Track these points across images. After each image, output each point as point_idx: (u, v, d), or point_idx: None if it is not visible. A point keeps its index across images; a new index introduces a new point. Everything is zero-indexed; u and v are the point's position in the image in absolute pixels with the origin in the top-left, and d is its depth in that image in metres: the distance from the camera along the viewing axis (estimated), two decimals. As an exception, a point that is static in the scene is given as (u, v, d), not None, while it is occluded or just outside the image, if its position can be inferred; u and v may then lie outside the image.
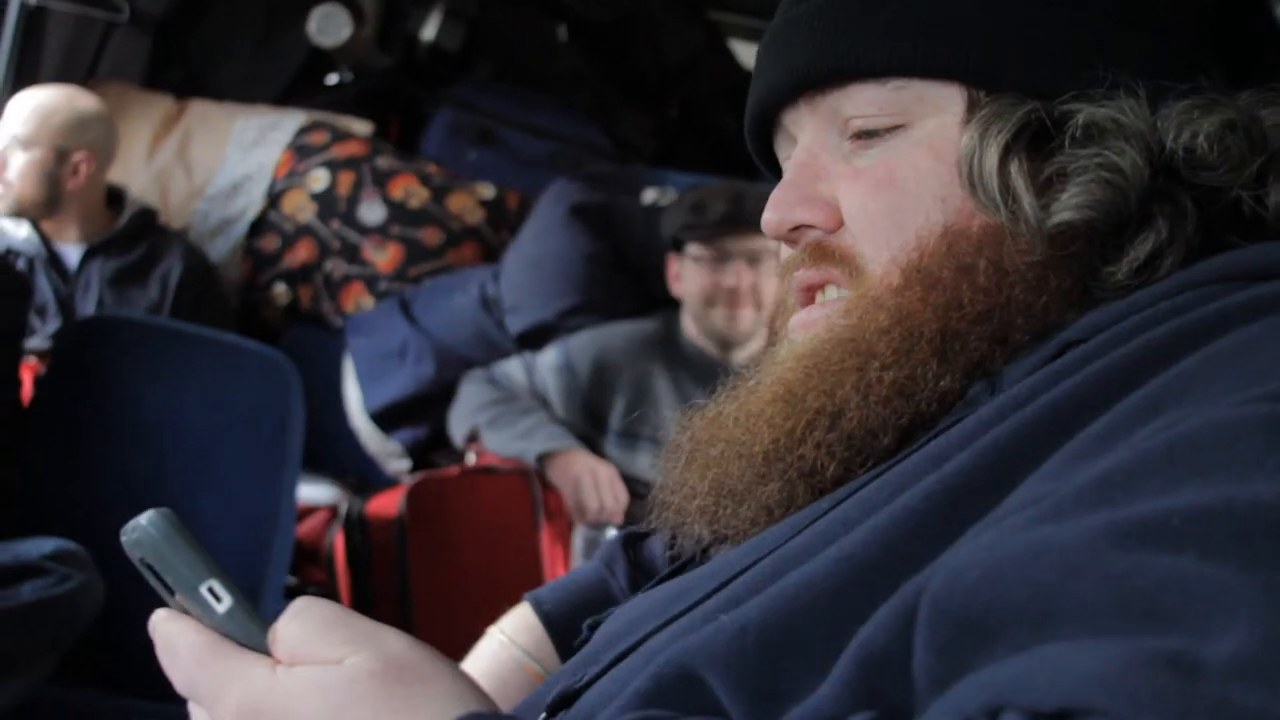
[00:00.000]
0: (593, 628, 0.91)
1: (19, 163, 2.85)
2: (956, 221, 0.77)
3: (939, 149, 0.78)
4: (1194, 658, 0.39)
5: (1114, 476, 0.51)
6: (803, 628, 0.62)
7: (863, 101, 0.81)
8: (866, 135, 0.81)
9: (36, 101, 2.90)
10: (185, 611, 0.63)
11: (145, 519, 0.63)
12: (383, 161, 3.66)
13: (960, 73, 0.78)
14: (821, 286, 0.85)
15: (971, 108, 0.78)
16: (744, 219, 2.70)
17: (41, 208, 2.91)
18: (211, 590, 0.62)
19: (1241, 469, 0.47)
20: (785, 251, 0.88)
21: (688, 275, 2.82)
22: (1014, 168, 0.75)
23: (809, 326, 0.83)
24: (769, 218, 0.85)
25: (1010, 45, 0.77)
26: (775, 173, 0.92)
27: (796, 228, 0.85)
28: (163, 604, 0.65)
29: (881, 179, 0.80)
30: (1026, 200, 0.74)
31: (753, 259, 2.74)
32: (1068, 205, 0.73)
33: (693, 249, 2.80)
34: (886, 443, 0.76)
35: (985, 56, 0.77)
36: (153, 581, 0.64)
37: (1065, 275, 0.76)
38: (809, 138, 0.85)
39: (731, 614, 0.65)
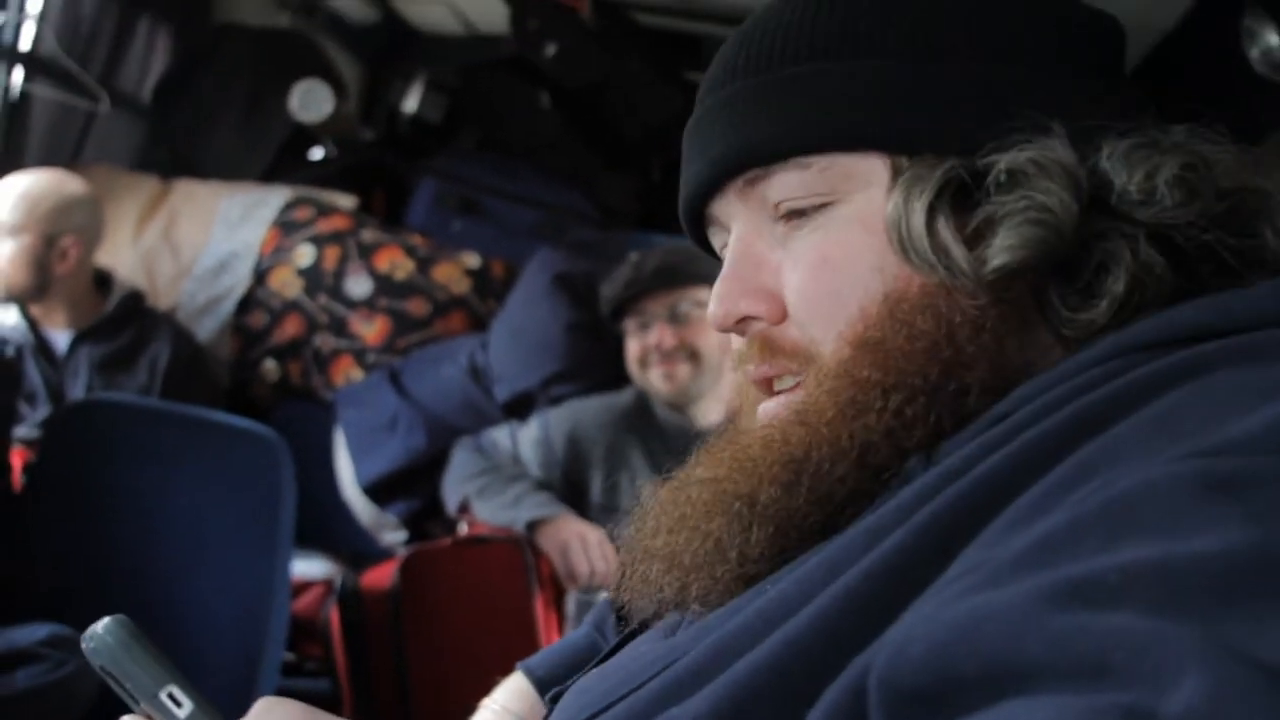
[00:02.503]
0: (554, 699, 0.91)
1: (7, 250, 2.86)
2: (895, 288, 0.77)
3: (868, 222, 0.79)
4: (1148, 711, 0.40)
5: (1051, 540, 0.51)
6: (754, 715, 0.62)
7: (789, 185, 0.81)
8: (797, 215, 0.81)
9: (23, 188, 2.90)
10: (149, 717, 0.64)
11: (102, 627, 0.64)
12: (368, 234, 3.68)
13: (879, 143, 0.79)
14: (777, 377, 0.84)
15: (895, 176, 0.78)
16: (647, 281, 2.76)
17: (30, 293, 2.93)
18: (171, 695, 0.63)
19: (1175, 525, 0.48)
20: (736, 341, 0.88)
21: (626, 346, 2.87)
22: (941, 225, 0.75)
23: (773, 416, 0.83)
24: (714, 311, 0.85)
25: (924, 109, 0.78)
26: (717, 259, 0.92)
27: (742, 319, 0.85)
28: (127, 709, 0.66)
29: (816, 263, 0.80)
30: (959, 253, 0.75)
31: (673, 316, 2.77)
32: (1001, 249, 0.74)
33: (624, 323, 2.86)
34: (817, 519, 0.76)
35: (902, 124, 0.78)
36: (115, 688, 0.65)
37: (1017, 320, 0.76)
38: (742, 226, 0.85)
39: (682, 706, 0.65)
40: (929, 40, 0.79)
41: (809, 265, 0.81)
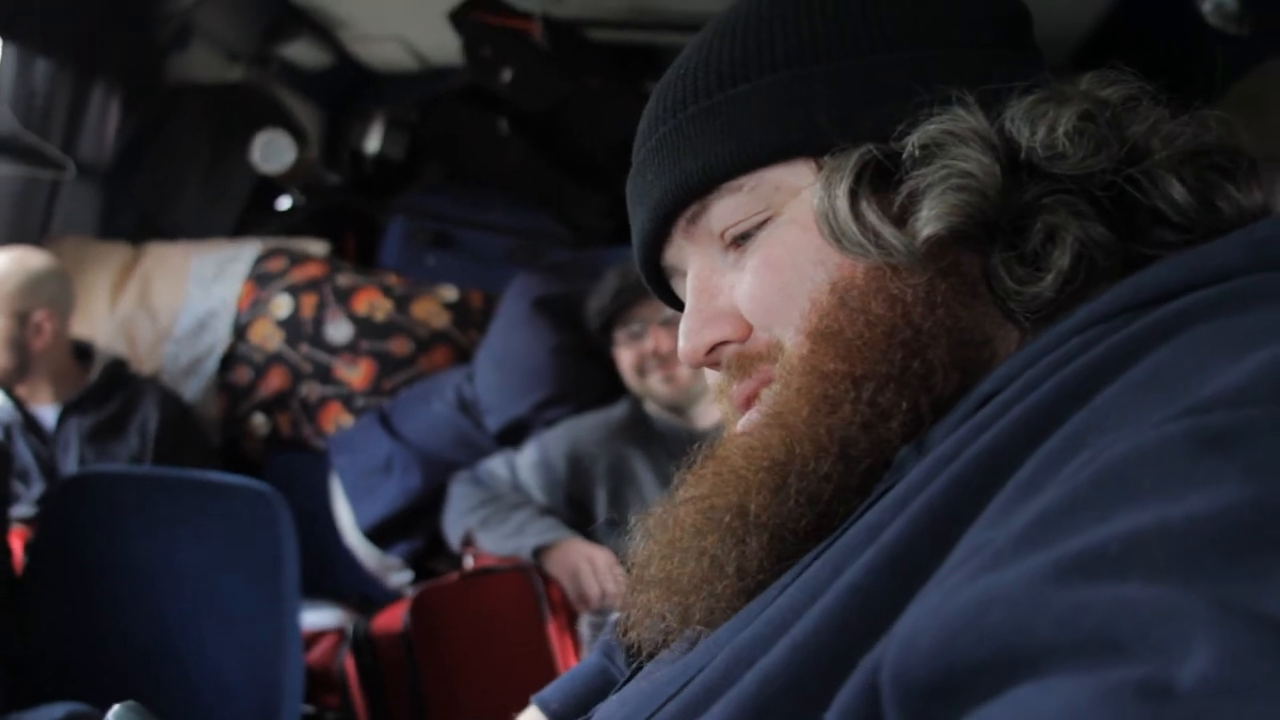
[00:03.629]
0: None
1: None
2: (841, 276, 0.78)
3: (803, 220, 0.81)
4: (1162, 682, 0.39)
5: (1047, 516, 0.51)
6: None
7: (726, 211, 0.84)
8: (743, 238, 0.84)
9: (-13, 270, 2.90)
10: None
11: (112, 715, 0.64)
12: (343, 279, 3.68)
13: (797, 149, 0.81)
14: (757, 394, 0.85)
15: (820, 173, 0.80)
16: (637, 287, 2.77)
17: (12, 374, 2.92)
18: None
19: (1170, 488, 0.48)
20: (713, 377, 0.90)
21: (620, 357, 2.88)
22: (865, 207, 0.77)
23: (751, 424, 0.84)
24: (683, 349, 0.87)
25: (833, 107, 0.80)
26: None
27: (712, 349, 0.87)
28: None
29: (759, 267, 0.82)
30: (888, 232, 0.76)
31: (667, 319, 2.79)
32: (928, 220, 0.75)
33: (615, 333, 2.87)
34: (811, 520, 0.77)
35: (814, 126, 0.80)
36: None
37: (969, 293, 0.77)
38: (695, 264, 0.88)
39: None
40: (826, 44, 0.81)
41: (754, 271, 0.83)
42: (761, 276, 0.82)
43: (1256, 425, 0.49)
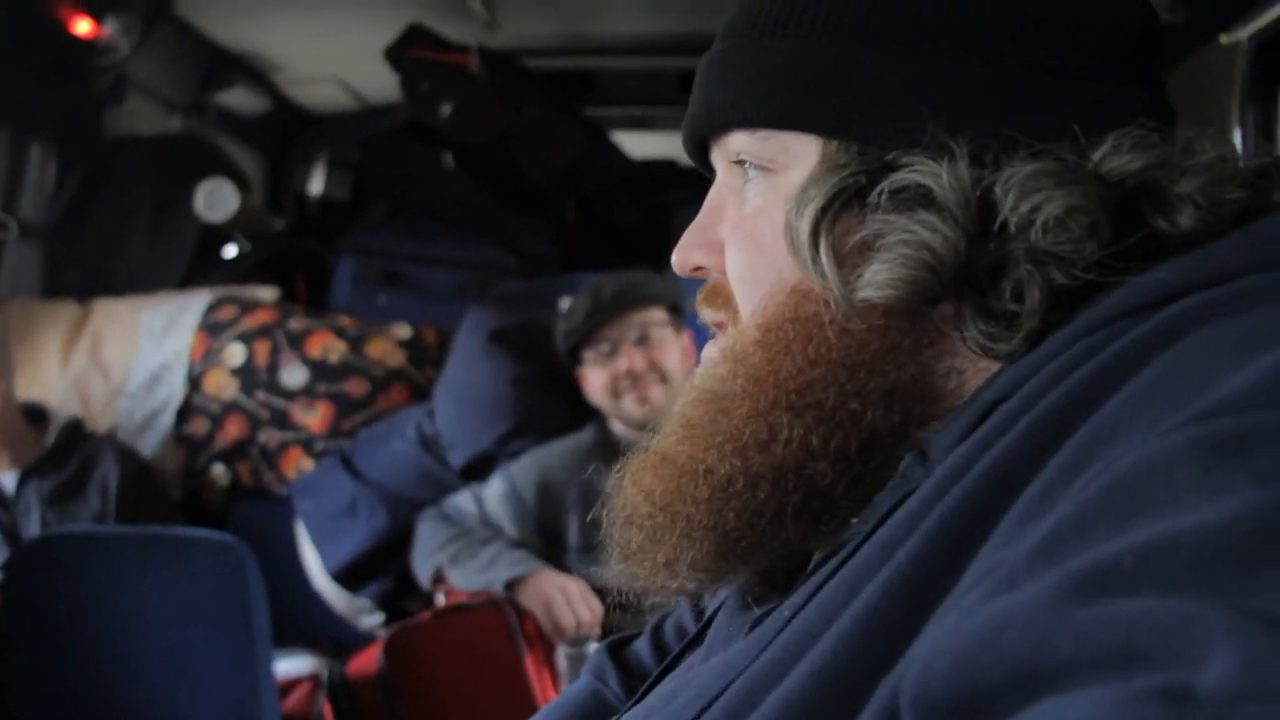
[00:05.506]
0: None
1: None
2: (800, 284, 0.79)
3: (789, 201, 0.81)
4: (1183, 688, 0.39)
5: (1060, 532, 0.51)
6: None
7: (742, 146, 0.84)
8: (749, 165, 0.85)
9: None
10: None
11: None
12: (295, 323, 3.66)
13: (809, 124, 0.80)
14: (722, 327, 0.89)
15: (824, 160, 0.79)
16: (610, 307, 2.78)
17: None
18: None
19: (1181, 498, 0.48)
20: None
21: (590, 379, 2.87)
22: (823, 240, 0.77)
23: (705, 361, 0.88)
24: (675, 257, 0.90)
25: (855, 95, 0.77)
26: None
27: (697, 268, 0.90)
28: None
29: (747, 234, 0.84)
30: (831, 276, 0.76)
31: (640, 339, 2.80)
32: (870, 283, 0.74)
33: (584, 355, 2.86)
34: (792, 530, 0.79)
35: (832, 108, 0.78)
36: None
37: (929, 329, 0.77)
38: (720, 175, 0.89)
39: None
40: (870, 25, 0.78)
41: (741, 235, 0.85)
42: (744, 245, 0.84)
43: (1264, 430, 0.50)
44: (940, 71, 0.76)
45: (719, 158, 0.88)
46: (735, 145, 0.84)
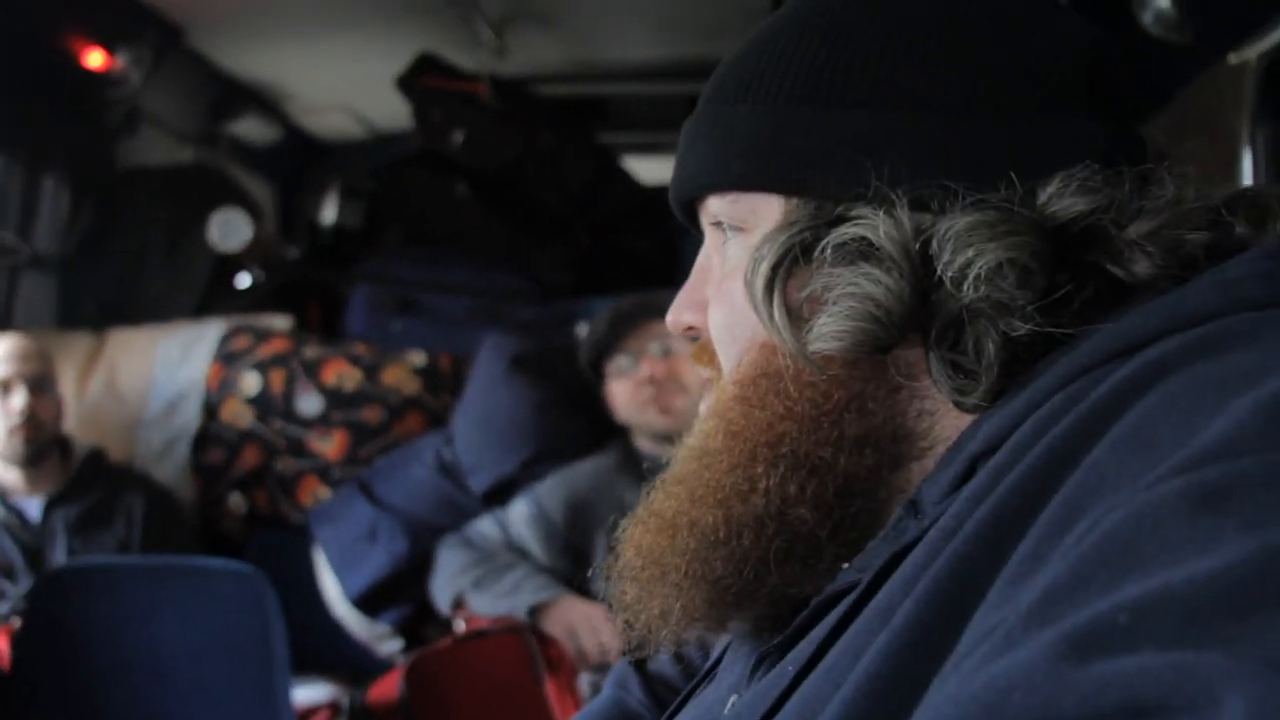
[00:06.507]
0: None
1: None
2: (770, 337, 0.80)
3: None
4: None
5: (1054, 592, 0.51)
6: None
7: (716, 208, 0.86)
8: (729, 230, 0.86)
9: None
10: None
11: None
12: (310, 352, 3.67)
13: (769, 184, 0.81)
14: (708, 382, 0.92)
15: (784, 218, 0.80)
16: (632, 317, 2.81)
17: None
18: None
19: (1171, 552, 0.48)
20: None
21: (615, 393, 2.89)
22: (776, 296, 0.78)
23: (697, 420, 0.90)
24: (669, 317, 0.94)
25: (808, 154, 0.79)
26: None
27: (688, 327, 0.92)
28: None
29: (724, 294, 0.86)
30: (785, 330, 0.77)
31: (663, 349, 2.82)
32: (820, 335, 0.76)
33: (607, 368, 2.88)
34: (774, 581, 0.80)
35: (788, 168, 0.80)
36: None
37: (897, 375, 0.78)
38: (707, 239, 0.91)
39: None
40: (819, 85, 0.79)
41: (718, 296, 0.87)
42: (717, 306, 0.87)
43: (1247, 477, 0.50)
44: (884, 123, 0.76)
45: (703, 220, 0.90)
46: (713, 209, 0.86)
